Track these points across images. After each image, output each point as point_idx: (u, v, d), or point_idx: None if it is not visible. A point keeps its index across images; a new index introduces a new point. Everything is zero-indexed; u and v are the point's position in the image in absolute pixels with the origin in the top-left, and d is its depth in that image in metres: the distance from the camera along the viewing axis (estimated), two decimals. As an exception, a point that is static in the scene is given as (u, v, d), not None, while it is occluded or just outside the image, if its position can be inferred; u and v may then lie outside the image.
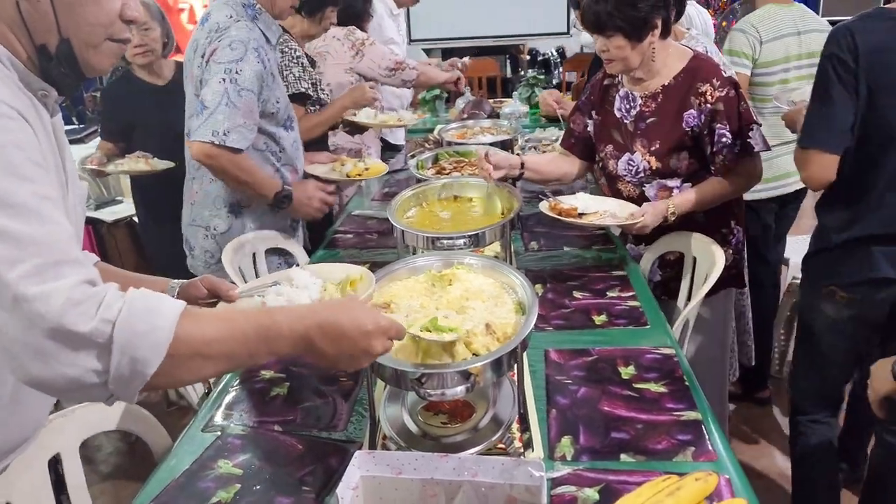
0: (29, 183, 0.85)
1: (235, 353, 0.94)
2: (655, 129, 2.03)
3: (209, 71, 2.02)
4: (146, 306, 0.86)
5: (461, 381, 1.11)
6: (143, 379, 0.85)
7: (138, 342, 0.84)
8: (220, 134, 1.97)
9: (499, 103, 4.24)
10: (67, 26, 0.95)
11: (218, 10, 2.10)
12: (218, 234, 2.23)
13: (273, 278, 1.34)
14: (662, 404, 1.38)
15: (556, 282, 1.96)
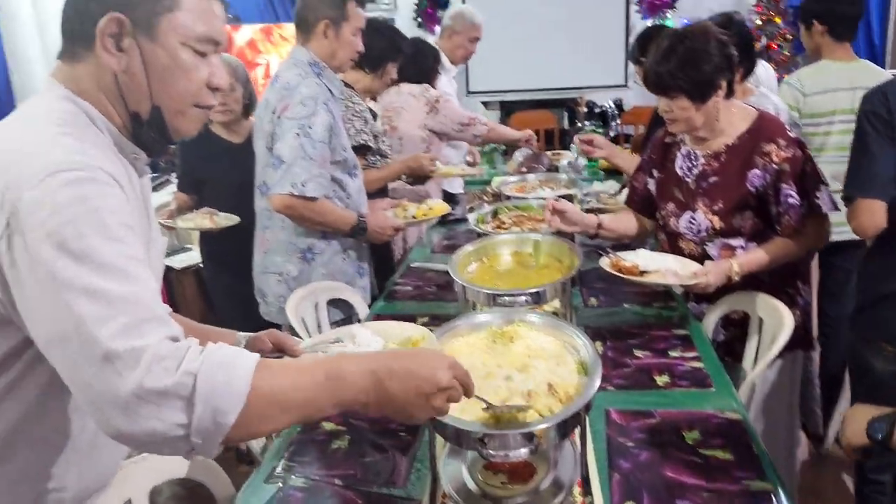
0: (119, 244, 0.90)
1: (308, 401, 0.96)
2: (718, 188, 2.02)
3: (282, 126, 2.15)
4: (224, 359, 0.90)
5: (524, 443, 1.11)
6: (224, 430, 0.88)
7: (219, 392, 0.87)
8: (298, 185, 2.13)
9: (556, 156, 4.27)
10: (159, 95, 1.03)
11: (287, 70, 2.26)
12: (290, 279, 2.35)
13: (336, 334, 1.37)
14: (730, 472, 1.34)
15: (616, 339, 1.94)
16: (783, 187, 1.92)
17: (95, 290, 0.86)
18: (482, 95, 7.28)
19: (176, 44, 1.01)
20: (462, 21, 3.80)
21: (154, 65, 1.01)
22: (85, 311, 0.85)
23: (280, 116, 2.17)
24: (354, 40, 2.32)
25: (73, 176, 0.89)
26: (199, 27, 1.03)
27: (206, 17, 1.03)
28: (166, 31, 1.00)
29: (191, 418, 0.85)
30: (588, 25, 6.97)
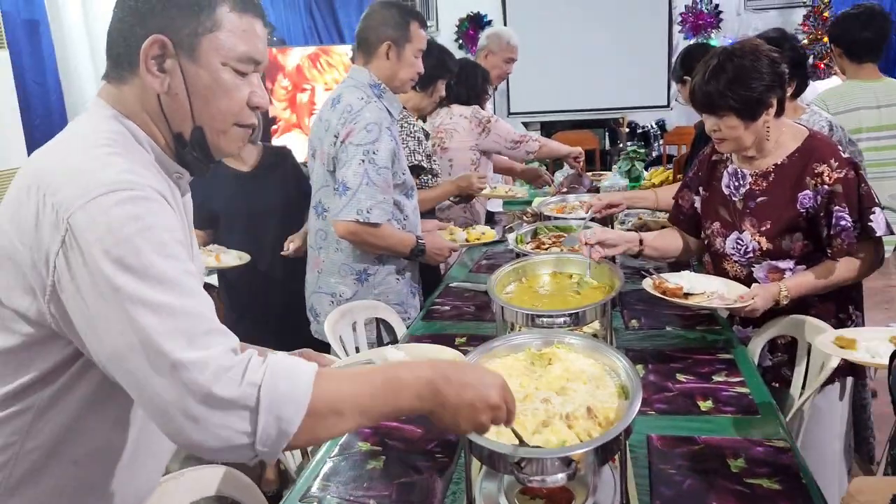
0: (175, 260, 0.93)
1: (367, 407, 0.98)
2: (766, 208, 1.97)
3: (346, 152, 2.18)
4: (286, 368, 0.93)
5: (562, 468, 1.08)
6: (287, 437, 0.91)
7: (282, 401, 0.90)
8: (364, 212, 2.17)
9: (598, 176, 4.23)
10: (201, 115, 1.05)
11: (349, 92, 2.27)
12: (343, 300, 2.36)
13: (368, 356, 1.37)
14: (777, 502, 1.29)
15: (658, 363, 1.90)
16: (835, 209, 1.86)
17: (158, 304, 0.88)
18: (523, 116, 7.28)
19: (217, 64, 1.03)
20: (498, 41, 3.82)
21: (196, 85, 1.03)
22: (150, 323, 0.87)
23: (344, 142, 2.20)
24: (416, 62, 2.35)
25: (126, 195, 0.92)
26: (240, 47, 1.04)
27: (247, 37, 1.05)
28: (207, 51, 1.02)
29: (255, 427, 0.89)
30: (630, 45, 6.94)
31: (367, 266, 2.37)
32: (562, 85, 7.00)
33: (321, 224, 2.38)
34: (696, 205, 2.20)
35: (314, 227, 2.43)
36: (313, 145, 2.42)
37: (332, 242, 2.36)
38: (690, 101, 2.00)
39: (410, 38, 2.30)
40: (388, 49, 2.28)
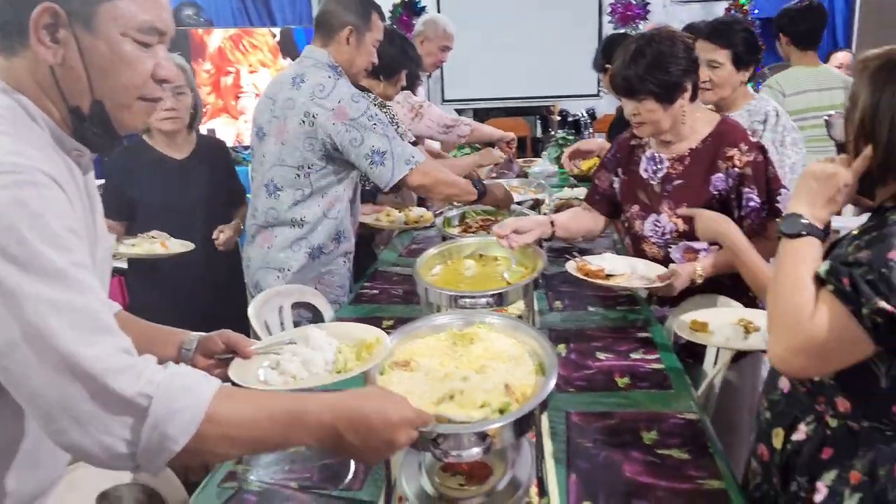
0: (67, 252, 0.88)
1: (262, 439, 0.97)
2: (682, 191, 2.04)
3: (355, 128, 2.20)
4: (184, 384, 0.90)
5: (478, 443, 1.10)
6: (170, 454, 0.88)
7: (171, 419, 0.87)
8: (412, 160, 2.23)
9: (528, 163, 4.29)
10: (100, 88, 0.99)
11: (313, 72, 2.28)
12: (291, 274, 2.39)
13: (290, 335, 1.36)
14: (685, 471, 1.35)
15: (580, 342, 1.95)
16: (745, 191, 1.95)
17: (43, 299, 0.84)
18: (456, 103, 7.29)
19: (116, 35, 0.97)
20: (434, 28, 3.82)
21: (93, 57, 0.97)
22: (34, 319, 0.83)
23: (339, 123, 2.21)
24: (373, 51, 2.40)
25: (11, 179, 0.86)
26: (142, 16, 0.98)
27: (149, 6, 0.99)
28: (105, 21, 0.96)
29: (139, 438, 0.86)
30: (562, 35, 7.02)
31: (323, 243, 2.41)
32: (495, 73, 7.05)
33: (273, 203, 2.37)
34: (614, 185, 2.26)
35: (264, 206, 2.40)
36: (259, 124, 2.39)
37: (287, 220, 2.37)
38: (611, 86, 2.05)
39: (371, 27, 2.35)
40: (349, 34, 2.31)
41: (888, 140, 1.17)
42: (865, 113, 1.20)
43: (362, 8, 2.34)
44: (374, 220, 2.85)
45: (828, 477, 1.23)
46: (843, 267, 1.13)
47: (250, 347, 1.29)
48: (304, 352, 1.27)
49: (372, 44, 2.38)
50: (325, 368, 1.28)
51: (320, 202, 2.35)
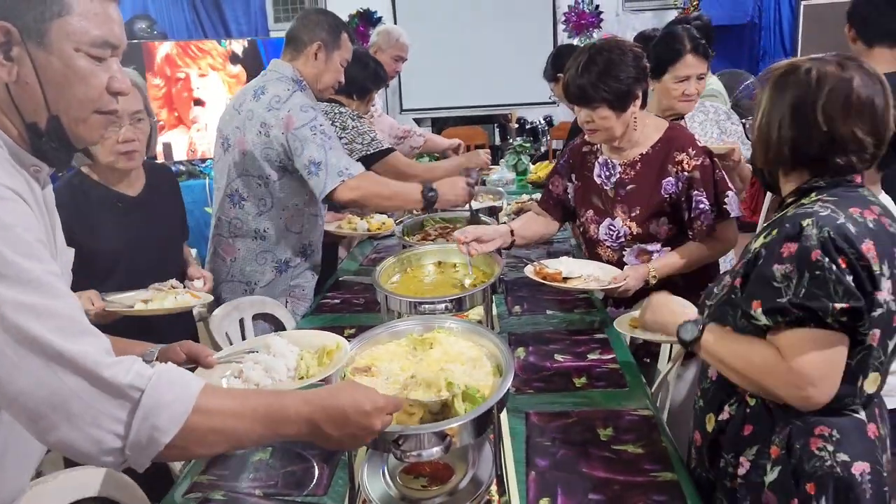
0: (39, 262, 0.90)
1: (247, 431, 0.99)
2: (635, 195, 2.11)
3: (297, 138, 2.22)
4: (172, 379, 0.93)
5: (437, 442, 1.13)
6: (158, 447, 0.90)
7: (161, 410, 0.89)
8: (345, 171, 2.20)
9: (486, 170, 4.34)
10: (56, 104, 1.00)
11: (274, 84, 2.32)
12: (259, 288, 2.39)
13: (251, 345, 1.38)
14: (640, 465, 1.40)
15: (538, 345, 1.99)
16: (694, 194, 2.02)
17: (25, 305, 0.86)
18: (415, 113, 7.34)
19: (70, 50, 0.98)
20: (387, 39, 3.85)
21: (48, 73, 0.98)
22: (17, 323, 0.85)
23: (287, 132, 2.22)
24: (340, 70, 2.44)
25: None
26: (94, 31, 0.99)
27: (101, 20, 1.00)
28: (58, 37, 0.97)
29: (129, 431, 0.88)
30: (518, 43, 7.12)
31: (289, 257, 2.42)
32: (452, 82, 7.11)
33: (237, 213, 2.37)
34: (567, 191, 2.32)
35: (227, 216, 2.40)
36: (225, 134, 2.40)
37: (250, 232, 2.37)
38: (564, 95, 2.11)
39: (340, 46, 2.40)
40: (318, 49, 2.35)
41: (777, 138, 1.31)
42: (763, 117, 1.34)
43: (333, 27, 2.39)
44: (336, 227, 2.86)
45: (749, 452, 1.33)
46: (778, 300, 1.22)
47: (212, 357, 1.30)
48: (266, 359, 1.29)
49: (340, 62, 2.42)
50: (288, 375, 1.30)
51: (282, 215, 2.36)
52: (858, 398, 1.27)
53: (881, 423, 1.32)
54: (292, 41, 2.39)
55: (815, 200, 1.28)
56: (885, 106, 1.27)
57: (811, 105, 1.26)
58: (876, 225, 1.23)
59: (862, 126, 1.25)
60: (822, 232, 1.19)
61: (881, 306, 1.21)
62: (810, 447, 1.27)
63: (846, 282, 1.17)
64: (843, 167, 1.29)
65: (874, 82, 1.27)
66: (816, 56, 1.32)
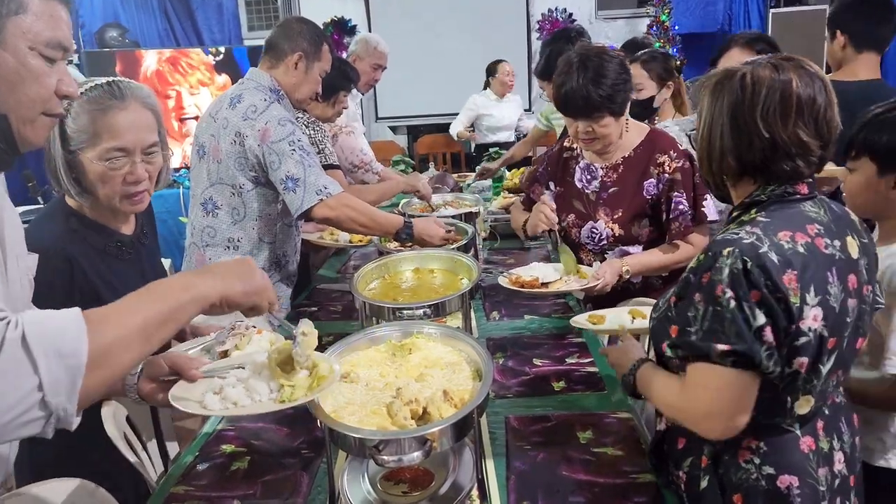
0: None
1: (150, 316, 0.98)
2: (618, 197, 2.13)
3: (274, 151, 2.18)
4: (43, 314, 0.89)
5: (417, 447, 1.13)
6: (80, 372, 0.86)
7: (55, 337, 0.86)
8: (323, 190, 2.17)
9: (462, 177, 4.36)
10: (6, 102, 0.99)
11: (251, 93, 2.29)
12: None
13: (240, 360, 1.34)
14: (619, 467, 1.41)
15: (517, 350, 2.00)
16: (674, 195, 2.05)
17: None
18: (390, 121, 7.35)
19: (25, 48, 0.98)
20: (366, 47, 3.85)
21: (1, 70, 0.97)
22: None
23: (263, 143, 2.19)
24: (318, 80, 2.42)
25: None
26: (47, 32, 0.99)
27: (54, 22, 1.00)
28: (14, 34, 0.97)
29: (38, 373, 0.83)
30: (492, 51, 7.12)
31: (263, 268, 2.32)
32: (427, 89, 7.14)
33: (210, 221, 2.34)
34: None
35: (200, 225, 2.37)
36: (200, 142, 2.37)
37: (223, 241, 2.33)
38: (562, 107, 2.07)
39: (320, 57, 2.39)
40: (298, 59, 2.33)
41: (719, 148, 1.29)
42: (704, 127, 1.32)
43: (315, 37, 2.37)
44: (317, 238, 2.83)
45: (685, 464, 1.33)
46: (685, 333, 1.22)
47: (195, 371, 1.28)
48: (250, 379, 1.24)
49: (319, 73, 2.41)
50: (270, 397, 1.23)
51: (255, 225, 2.33)
52: (789, 418, 1.25)
53: (824, 437, 1.28)
54: (272, 49, 2.36)
55: (752, 218, 1.25)
56: (827, 104, 1.23)
57: (749, 111, 1.23)
58: (807, 248, 1.19)
59: (805, 128, 1.22)
60: (737, 263, 1.16)
61: (805, 335, 1.17)
62: (737, 459, 1.26)
63: (739, 323, 1.15)
64: (789, 173, 1.25)
65: (814, 80, 1.22)
66: (752, 59, 1.29)
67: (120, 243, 1.65)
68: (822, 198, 1.32)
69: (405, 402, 1.22)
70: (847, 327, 1.24)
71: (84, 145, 1.50)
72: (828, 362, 1.23)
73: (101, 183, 1.53)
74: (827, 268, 1.21)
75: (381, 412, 1.24)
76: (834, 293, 1.21)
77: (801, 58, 1.27)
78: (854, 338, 1.28)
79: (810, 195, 1.29)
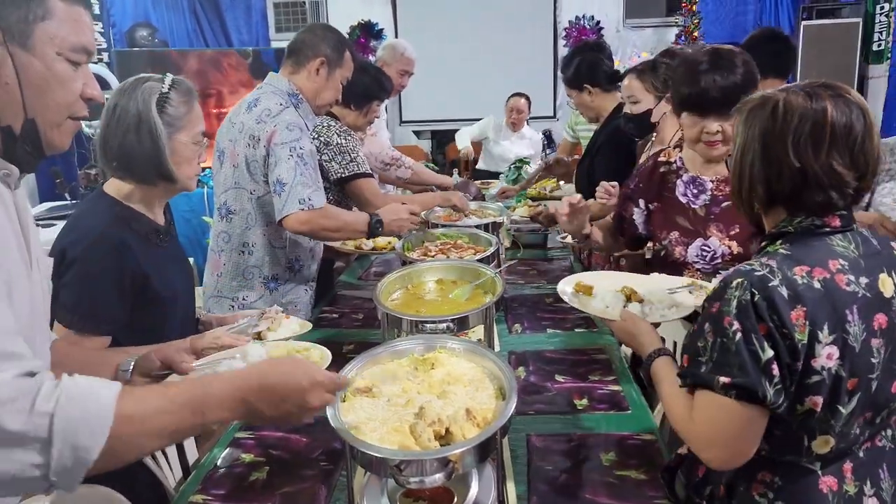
0: None
1: (176, 424, 0.97)
2: (733, 212, 1.90)
3: (275, 153, 2.20)
4: (81, 393, 0.88)
5: (440, 468, 1.11)
6: (86, 465, 0.86)
7: (78, 429, 0.85)
8: (306, 200, 2.17)
9: (485, 185, 4.34)
10: (34, 107, 1.00)
11: (267, 98, 2.30)
12: (247, 305, 2.33)
13: (227, 352, 1.36)
14: (643, 491, 1.38)
15: (539, 364, 1.98)
16: None
17: None
18: (414, 125, 7.36)
19: (52, 54, 0.99)
20: (393, 53, 3.85)
21: (29, 75, 0.98)
22: None
23: (270, 144, 2.20)
24: (339, 88, 2.42)
25: None
26: (73, 37, 1.01)
27: (78, 27, 1.02)
28: (41, 40, 0.98)
29: (48, 459, 0.84)
30: (518, 57, 7.16)
31: (277, 273, 2.37)
32: (452, 94, 7.13)
33: (224, 226, 2.35)
34: (635, 216, 2.19)
35: (216, 230, 2.39)
36: (221, 147, 2.38)
37: (237, 246, 2.33)
38: (696, 104, 1.92)
39: (342, 64, 2.39)
40: (320, 65, 2.33)
41: (749, 176, 1.27)
42: (737, 153, 1.30)
43: (338, 43, 2.37)
44: (340, 244, 2.81)
45: (705, 493, 1.32)
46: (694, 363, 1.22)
47: (187, 364, 1.29)
48: (240, 367, 1.28)
49: (341, 80, 2.40)
50: None
51: (265, 230, 2.32)
52: (807, 457, 1.22)
53: (852, 480, 1.24)
54: (294, 54, 2.37)
55: (775, 251, 1.23)
56: (866, 133, 1.19)
57: (780, 139, 1.20)
58: (824, 284, 1.16)
59: (839, 158, 1.18)
60: (745, 295, 1.15)
61: (818, 373, 1.15)
62: (751, 491, 1.25)
63: (744, 356, 1.14)
64: (821, 204, 1.21)
65: (851, 109, 1.19)
66: (788, 85, 1.26)
67: (158, 231, 1.71)
68: (860, 231, 1.27)
69: (428, 422, 1.20)
70: (874, 368, 1.19)
71: (181, 129, 1.63)
72: (849, 403, 1.19)
73: (187, 164, 1.66)
74: (846, 306, 1.17)
75: (402, 429, 1.23)
76: (854, 332, 1.17)
77: (842, 85, 1.23)
78: (889, 380, 1.23)
79: (843, 228, 1.24)
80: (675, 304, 1.69)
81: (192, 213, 4.68)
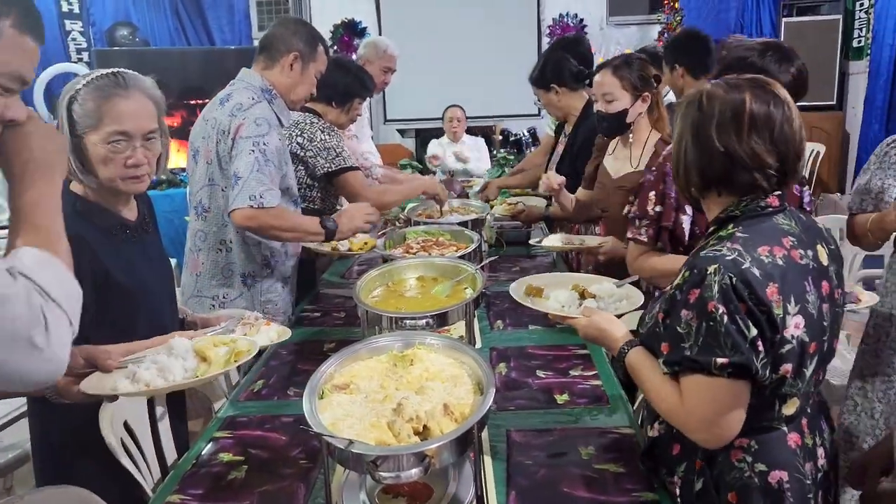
0: None
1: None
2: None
3: (238, 146, 2.17)
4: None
5: (416, 463, 1.11)
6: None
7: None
8: (256, 197, 2.11)
9: (469, 182, 4.34)
10: None
11: (239, 93, 2.27)
12: (228, 303, 2.30)
13: (157, 348, 1.39)
14: (621, 485, 1.38)
15: (521, 361, 1.98)
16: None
17: None
18: (398, 123, 7.34)
19: None
20: (375, 50, 3.83)
21: None
22: None
23: (236, 137, 2.17)
24: (314, 81, 2.40)
25: None
26: (14, 64, 0.98)
27: (23, 56, 0.99)
28: None
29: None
30: (502, 55, 7.16)
31: (253, 270, 2.33)
32: (436, 92, 7.11)
33: (200, 224, 2.32)
34: (683, 223, 1.97)
35: (193, 228, 2.35)
36: (195, 145, 2.35)
37: (214, 244, 2.30)
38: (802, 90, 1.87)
39: (316, 58, 2.37)
40: (293, 60, 2.31)
41: (685, 164, 1.37)
42: (675, 145, 1.41)
43: (311, 37, 2.35)
44: (315, 245, 2.78)
45: (679, 470, 1.37)
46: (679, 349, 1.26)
47: (110, 361, 1.30)
48: (164, 360, 1.31)
49: (315, 74, 2.38)
50: (184, 376, 1.32)
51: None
52: (777, 420, 1.31)
53: (808, 433, 1.35)
54: (266, 49, 2.34)
55: (731, 234, 1.29)
56: (784, 120, 1.29)
57: (705, 127, 1.31)
58: (785, 261, 1.26)
59: (759, 142, 1.28)
60: (725, 279, 1.21)
61: (789, 342, 1.24)
62: (730, 458, 1.31)
63: (734, 336, 1.19)
64: (750, 185, 1.31)
65: (770, 97, 1.29)
66: (716, 81, 1.38)
67: (124, 226, 1.68)
68: (791, 209, 1.38)
69: (406, 418, 1.20)
70: (825, 331, 1.31)
71: (88, 129, 1.55)
72: (810, 365, 1.29)
73: (103, 165, 1.58)
74: (803, 277, 1.28)
75: (380, 425, 1.23)
76: (812, 301, 1.28)
77: (766, 78, 1.35)
78: (831, 339, 1.34)
79: (781, 207, 1.34)
80: (625, 297, 1.79)
81: (175, 212, 4.63)
